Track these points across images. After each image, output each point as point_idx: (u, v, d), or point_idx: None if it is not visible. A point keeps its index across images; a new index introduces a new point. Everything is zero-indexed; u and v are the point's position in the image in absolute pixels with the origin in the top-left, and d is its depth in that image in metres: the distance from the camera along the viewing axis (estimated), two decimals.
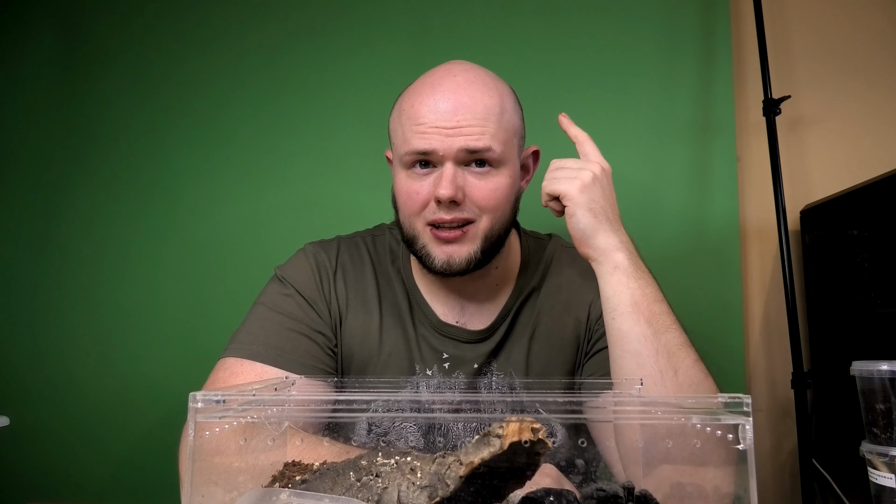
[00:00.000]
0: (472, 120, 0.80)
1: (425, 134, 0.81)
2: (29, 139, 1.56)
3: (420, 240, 0.85)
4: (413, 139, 0.81)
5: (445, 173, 0.80)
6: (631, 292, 0.77)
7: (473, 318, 0.92)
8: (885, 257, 1.05)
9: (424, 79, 0.86)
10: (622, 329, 0.76)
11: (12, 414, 1.23)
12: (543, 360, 0.91)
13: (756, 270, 1.38)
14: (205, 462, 0.47)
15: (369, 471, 0.48)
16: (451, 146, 0.80)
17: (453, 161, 0.81)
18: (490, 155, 0.82)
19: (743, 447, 0.43)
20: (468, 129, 0.80)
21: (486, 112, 0.82)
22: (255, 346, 0.83)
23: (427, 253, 0.85)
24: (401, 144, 0.84)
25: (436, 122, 0.80)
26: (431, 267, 0.85)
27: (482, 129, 0.81)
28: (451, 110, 0.80)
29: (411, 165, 0.84)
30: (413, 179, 0.84)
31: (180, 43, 1.55)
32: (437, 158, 0.81)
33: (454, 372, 0.90)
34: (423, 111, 0.81)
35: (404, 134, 0.83)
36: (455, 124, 0.80)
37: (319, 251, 0.94)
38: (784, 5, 1.42)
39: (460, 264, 0.84)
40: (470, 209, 0.83)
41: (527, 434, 0.42)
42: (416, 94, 0.84)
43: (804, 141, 1.39)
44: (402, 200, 0.86)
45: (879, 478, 0.60)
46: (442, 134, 0.80)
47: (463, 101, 0.81)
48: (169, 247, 1.49)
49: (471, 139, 0.80)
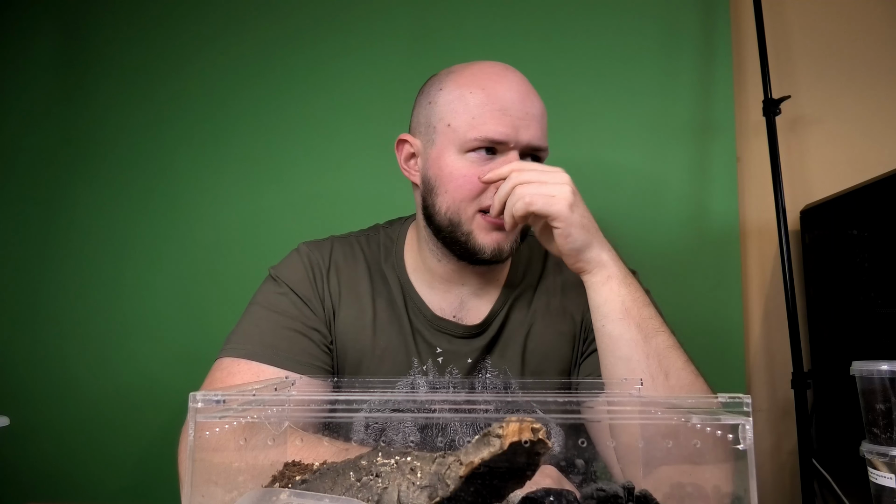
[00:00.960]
0: (537, 115, 0.84)
1: (506, 119, 0.81)
2: (29, 139, 1.56)
3: (466, 225, 0.84)
4: (489, 124, 0.81)
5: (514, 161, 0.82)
6: (622, 299, 0.77)
7: (469, 314, 0.92)
8: (885, 257, 1.05)
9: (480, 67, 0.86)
10: (613, 334, 0.77)
11: (12, 414, 1.23)
12: (539, 357, 0.92)
13: (756, 270, 1.38)
14: (205, 462, 0.47)
15: (369, 471, 0.48)
16: (522, 138, 0.82)
17: (520, 152, 0.83)
18: (544, 155, 0.87)
19: (743, 447, 0.43)
20: (534, 124, 0.83)
21: (543, 112, 0.86)
22: (251, 346, 0.84)
23: (474, 239, 0.84)
24: (467, 127, 0.82)
25: (510, 110, 0.82)
26: (477, 254, 0.85)
27: (542, 128, 0.85)
28: (530, 105, 0.83)
29: (473, 150, 0.83)
30: (473, 163, 0.83)
31: (180, 43, 1.55)
32: (505, 148, 0.83)
33: (448, 367, 0.91)
34: (499, 97, 0.82)
35: (475, 117, 0.82)
36: (525, 115, 0.82)
37: (313, 250, 0.94)
38: (784, 5, 1.42)
39: (506, 251, 0.85)
40: None
41: (527, 434, 0.42)
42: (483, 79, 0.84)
43: (804, 141, 1.39)
44: (456, 184, 0.83)
45: (879, 478, 0.60)
46: (516, 124, 0.82)
47: (529, 95, 0.84)
48: (169, 247, 1.49)
49: (537, 136, 0.84)
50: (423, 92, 0.91)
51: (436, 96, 0.87)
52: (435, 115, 0.86)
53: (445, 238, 0.86)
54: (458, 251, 0.86)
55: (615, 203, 1.36)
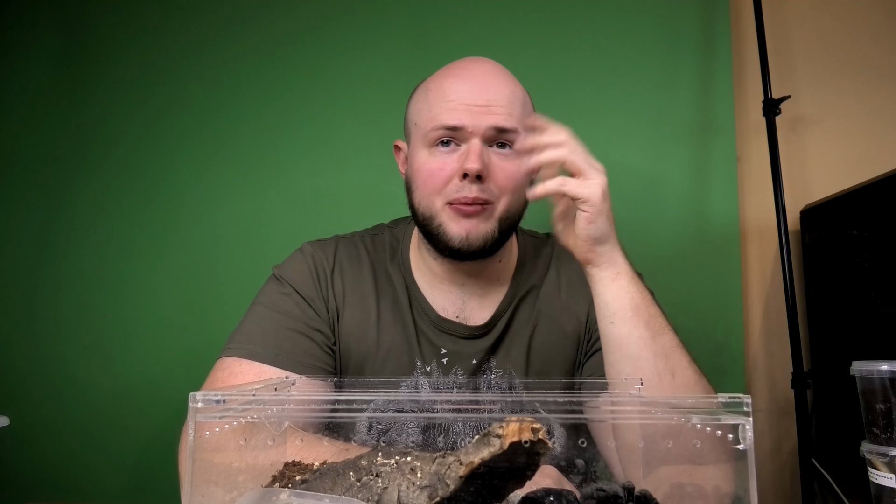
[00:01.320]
0: (501, 100, 0.83)
1: (455, 110, 0.82)
2: (29, 139, 1.56)
3: (437, 218, 0.84)
4: (442, 115, 0.83)
5: (473, 148, 0.82)
6: (631, 296, 0.77)
7: (473, 314, 0.92)
8: (885, 257, 1.05)
9: (452, 66, 0.88)
10: (621, 333, 0.76)
11: (12, 414, 1.23)
12: (544, 357, 0.92)
13: (756, 270, 1.38)
14: (205, 462, 0.47)
15: (369, 471, 0.48)
16: (481, 123, 0.82)
17: (480, 138, 0.82)
18: (514, 136, 0.84)
19: (743, 447, 0.43)
20: (497, 108, 0.82)
21: (513, 96, 0.85)
22: (254, 346, 0.83)
23: (444, 231, 0.84)
24: (427, 122, 0.85)
25: (466, 100, 0.82)
26: (448, 244, 0.84)
27: (510, 111, 0.83)
28: (483, 90, 0.83)
29: (434, 143, 0.84)
30: (435, 157, 0.84)
31: (180, 43, 1.55)
32: (465, 135, 0.82)
33: (452, 367, 0.91)
34: (453, 88, 0.83)
35: (432, 111, 0.84)
36: (485, 102, 0.82)
37: (317, 250, 0.94)
38: (784, 5, 1.42)
39: (477, 241, 0.84)
40: (490, 190, 0.83)
41: (527, 434, 0.42)
42: (445, 77, 0.86)
43: (804, 141, 1.39)
44: (423, 178, 0.85)
45: (879, 478, 0.60)
46: (472, 111, 0.82)
47: (493, 83, 0.84)
48: (169, 247, 1.49)
49: (500, 118, 0.82)
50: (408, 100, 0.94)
51: (410, 103, 0.91)
52: (409, 118, 0.90)
53: (425, 233, 0.88)
54: (436, 244, 0.87)
55: (615, 203, 1.34)
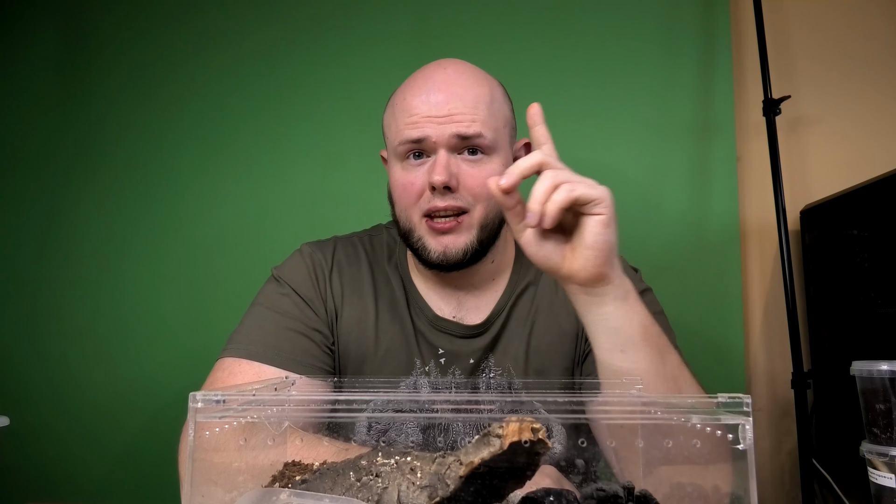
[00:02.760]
0: (462, 108, 0.82)
1: (417, 123, 0.82)
2: (29, 139, 1.56)
3: (416, 232, 0.85)
4: (405, 129, 0.83)
5: (439, 160, 0.81)
6: (640, 318, 0.70)
7: (470, 314, 0.92)
8: (885, 257, 1.05)
9: (415, 75, 0.88)
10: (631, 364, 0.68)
11: (12, 414, 1.23)
12: (542, 355, 0.91)
13: (756, 270, 1.38)
14: (204, 462, 0.47)
15: (369, 471, 0.48)
16: (443, 133, 0.81)
17: (446, 148, 0.82)
18: (482, 141, 0.83)
19: (743, 447, 0.43)
20: (459, 115, 0.82)
21: (476, 100, 0.83)
22: (253, 346, 0.84)
23: (423, 245, 0.85)
24: (394, 137, 0.85)
25: (428, 112, 0.82)
26: (427, 259, 0.85)
27: (473, 117, 0.82)
28: (443, 100, 0.82)
29: (405, 157, 0.85)
30: (407, 171, 0.85)
31: (181, 43, 1.55)
32: (430, 146, 0.82)
33: (450, 367, 0.91)
34: (414, 102, 0.83)
35: (397, 126, 0.85)
36: (446, 112, 0.81)
37: (315, 251, 0.94)
38: (784, 5, 1.42)
39: (456, 255, 0.84)
40: (464, 198, 0.83)
41: (527, 434, 0.42)
42: (408, 89, 0.86)
43: (804, 141, 1.39)
44: (398, 193, 0.86)
45: (879, 478, 0.60)
46: (434, 122, 0.81)
47: (454, 91, 0.83)
48: (169, 247, 1.49)
49: (462, 125, 0.81)
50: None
51: (384, 113, 0.91)
52: (384, 132, 0.91)
53: (408, 246, 0.88)
54: (419, 258, 0.87)
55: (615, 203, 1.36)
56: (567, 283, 0.69)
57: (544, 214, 0.65)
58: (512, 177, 0.66)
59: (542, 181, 0.66)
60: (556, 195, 0.65)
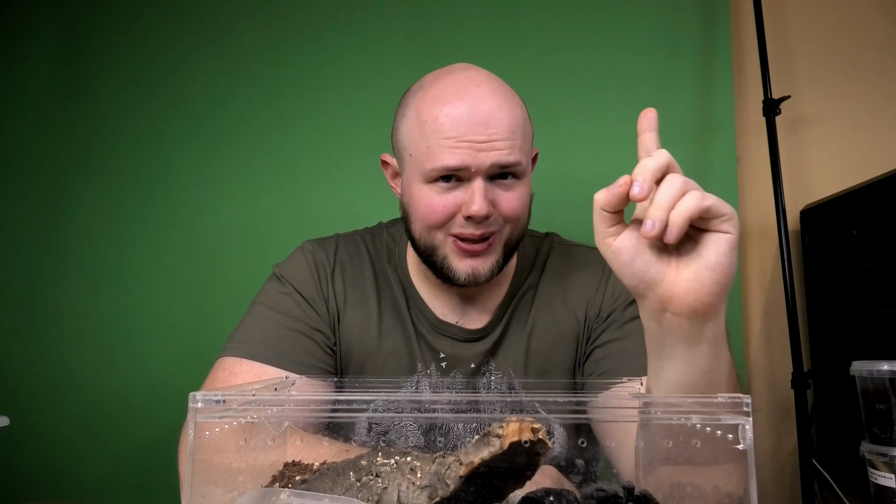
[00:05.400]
0: (503, 134, 0.78)
1: (456, 149, 0.77)
2: (29, 139, 1.56)
3: (441, 251, 0.83)
4: (442, 154, 0.78)
5: (477, 189, 0.78)
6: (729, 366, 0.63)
7: (471, 318, 0.92)
8: (885, 257, 1.05)
9: (443, 85, 0.81)
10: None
11: (12, 414, 1.23)
12: (543, 358, 0.91)
13: (756, 270, 1.38)
14: (205, 462, 0.47)
15: (369, 471, 0.48)
16: (484, 162, 0.77)
17: (484, 176, 0.79)
18: (518, 169, 0.81)
19: (743, 447, 0.43)
20: (500, 143, 0.78)
21: (514, 125, 0.80)
22: (254, 346, 0.83)
23: (448, 266, 0.83)
24: (425, 159, 0.80)
25: (466, 136, 0.77)
26: (454, 280, 0.83)
27: (511, 143, 0.79)
28: (482, 123, 0.77)
29: (435, 179, 0.80)
30: (437, 194, 0.80)
31: (180, 43, 1.55)
32: (468, 174, 0.79)
33: (451, 371, 0.90)
34: (451, 123, 0.78)
35: (430, 147, 0.79)
36: (486, 138, 0.77)
37: (317, 249, 0.94)
38: (784, 5, 1.42)
39: (484, 276, 0.83)
40: (496, 222, 0.81)
41: (527, 434, 0.42)
42: (440, 104, 0.79)
43: (804, 141, 1.39)
44: (423, 213, 0.82)
45: (879, 478, 0.60)
46: (474, 149, 0.77)
47: (493, 114, 0.78)
48: (169, 247, 1.49)
49: (503, 154, 0.78)
50: (397, 110, 0.88)
51: (400, 123, 0.85)
52: (401, 144, 0.85)
53: (427, 263, 0.86)
54: (437, 274, 0.86)
55: None
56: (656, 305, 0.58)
57: (669, 224, 0.55)
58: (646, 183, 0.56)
59: (669, 185, 0.57)
60: (684, 202, 0.56)
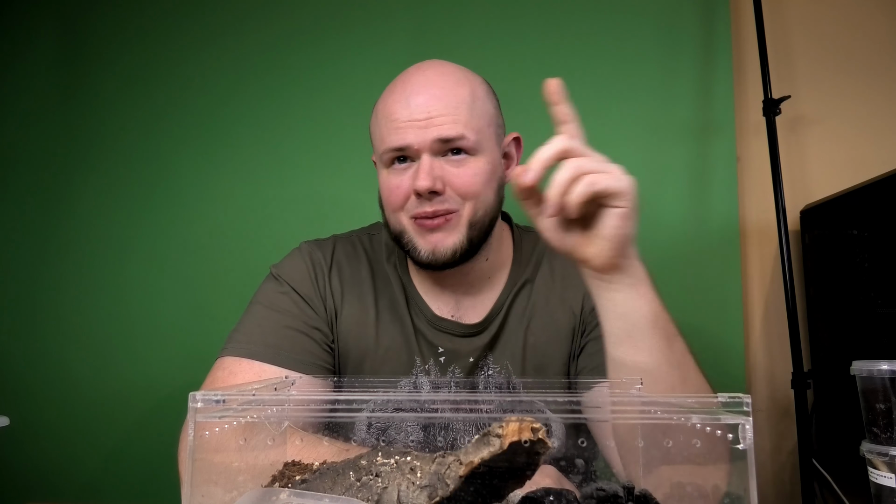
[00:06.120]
0: (443, 110, 0.82)
1: (399, 129, 0.82)
2: (29, 139, 1.56)
3: (406, 233, 0.86)
4: (388, 136, 0.84)
5: (422, 165, 0.82)
6: (650, 305, 0.68)
7: (468, 312, 0.92)
8: (885, 257, 1.05)
9: (396, 80, 0.89)
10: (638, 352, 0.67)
11: (12, 414, 1.23)
12: (540, 352, 0.91)
13: (756, 270, 1.38)
14: (205, 462, 0.47)
15: (369, 470, 0.48)
16: (425, 138, 0.82)
17: (429, 152, 0.82)
18: (464, 143, 0.83)
19: (743, 447, 0.43)
20: (440, 118, 0.82)
21: (457, 101, 0.83)
22: (253, 345, 0.84)
23: (413, 245, 0.86)
24: (379, 144, 0.87)
25: (408, 117, 0.82)
26: (418, 259, 0.86)
27: (454, 119, 0.82)
28: (422, 104, 0.82)
29: (391, 163, 0.86)
30: (393, 175, 0.85)
31: (180, 43, 1.55)
32: (414, 152, 0.83)
33: (450, 366, 0.91)
34: (395, 108, 0.84)
35: (381, 133, 0.86)
36: (427, 116, 0.82)
37: (314, 249, 0.95)
38: (784, 5, 1.42)
39: (445, 254, 0.84)
40: (451, 199, 0.83)
41: (526, 434, 0.42)
42: (389, 95, 0.87)
43: (804, 141, 1.39)
44: (385, 197, 0.87)
45: (879, 478, 0.60)
46: (415, 127, 0.82)
47: (433, 93, 0.83)
48: (169, 246, 1.49)
49: (443, 129, 0.82)
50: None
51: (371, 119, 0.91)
52: (371, 137, 0.92)
53: (400, 247, 0.89)
54: (411, 258, 0.88)
55: None
56: (580, 266, 0.69)
57: (564, 206, 0.63)
58: (534, 171, 0.64)
59: (563, 171, 0.63)
60: (576, 188, 0.62)
